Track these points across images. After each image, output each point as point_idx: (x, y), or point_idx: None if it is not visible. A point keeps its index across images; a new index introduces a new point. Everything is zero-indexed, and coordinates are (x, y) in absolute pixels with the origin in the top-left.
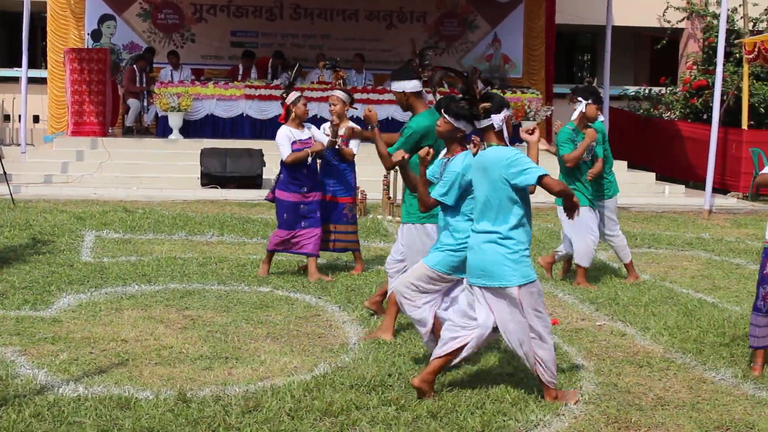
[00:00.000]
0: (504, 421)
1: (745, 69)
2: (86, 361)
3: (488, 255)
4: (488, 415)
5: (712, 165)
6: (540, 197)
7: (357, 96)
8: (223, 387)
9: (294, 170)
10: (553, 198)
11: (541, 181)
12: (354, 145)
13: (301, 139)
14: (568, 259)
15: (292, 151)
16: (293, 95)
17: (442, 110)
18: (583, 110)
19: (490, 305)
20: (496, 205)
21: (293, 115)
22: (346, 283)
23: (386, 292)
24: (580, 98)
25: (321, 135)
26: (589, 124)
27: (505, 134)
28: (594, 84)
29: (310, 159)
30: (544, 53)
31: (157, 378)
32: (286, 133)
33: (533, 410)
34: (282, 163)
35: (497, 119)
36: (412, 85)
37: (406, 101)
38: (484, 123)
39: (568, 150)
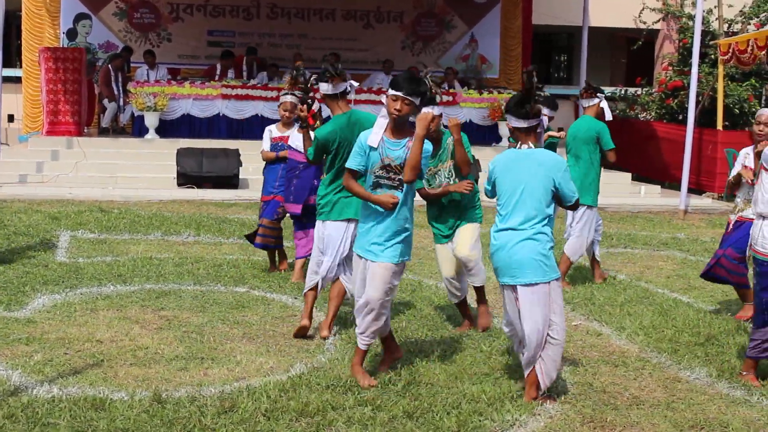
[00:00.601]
0: (480, 420)
1: (720, 70)
2: (61, 361)
3: (524, 251)
4: (464, 415)
5: (688, 165)
6: None
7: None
8: (199, 388)
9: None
10: None
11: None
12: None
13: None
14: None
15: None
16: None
17: (403, 92)
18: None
19: (519, 301)
20: (534, 203)
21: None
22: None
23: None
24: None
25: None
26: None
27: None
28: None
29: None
30: (520, 53)
31: (132, 379)
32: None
33: (509, 410)
34: None
35: (544, 120)
36: (323, 88)
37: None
38: (534, 122)
39: None
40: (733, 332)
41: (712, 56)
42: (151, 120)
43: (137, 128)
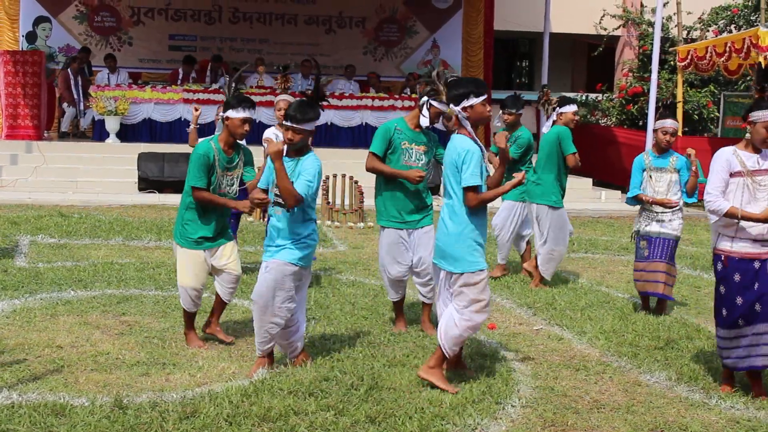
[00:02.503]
0: (442, 425)
1: (680, 76)
2: (20, 367)
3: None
4: (427, 420)
5: None
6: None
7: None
8: (161, 393)
9: None
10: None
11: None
12: None
13: None
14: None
15: None
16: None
17: (296, 124)
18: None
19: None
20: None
21: None
22: None
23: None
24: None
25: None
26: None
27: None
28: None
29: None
30: (482, 59)
31: (93, 384)
32: None
33: (471, 414)
34: None
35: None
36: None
37: None
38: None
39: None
40: (692, 336)
41: (672, 63)
42: (112, 124)
43: (98, 132)
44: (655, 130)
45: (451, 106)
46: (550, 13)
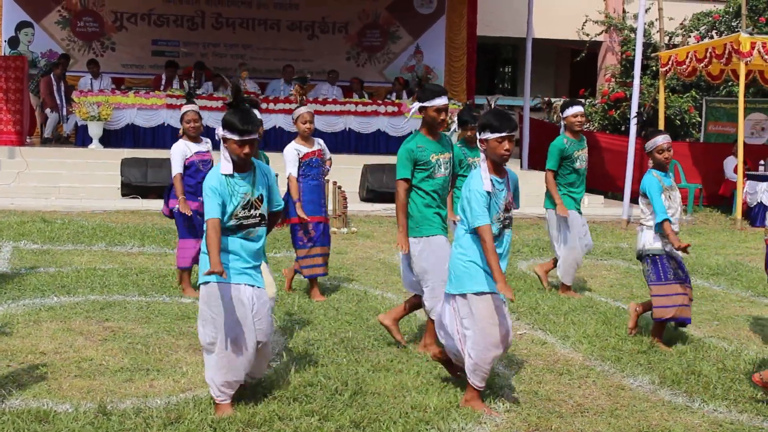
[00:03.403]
0: (427, 429)
1: (661, 82)
2: (4, 374)
3: None
4: (411, 424)
5: (630, 176)
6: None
7: (280, 106)
8: (145, 399)
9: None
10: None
11: None
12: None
13: (198, 151)
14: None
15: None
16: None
17: (255, 134)
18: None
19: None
20: None
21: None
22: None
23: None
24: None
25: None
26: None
27: None
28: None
29: None
30: (465, 65)
31: (76, 391)
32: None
33: (455, 419)
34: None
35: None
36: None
37: None
38: None
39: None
40: (676, 340)
41: (654, 68)
42: (94, 130)
43: (81, 138)
44: (650, 152)
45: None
46: (532, 19)
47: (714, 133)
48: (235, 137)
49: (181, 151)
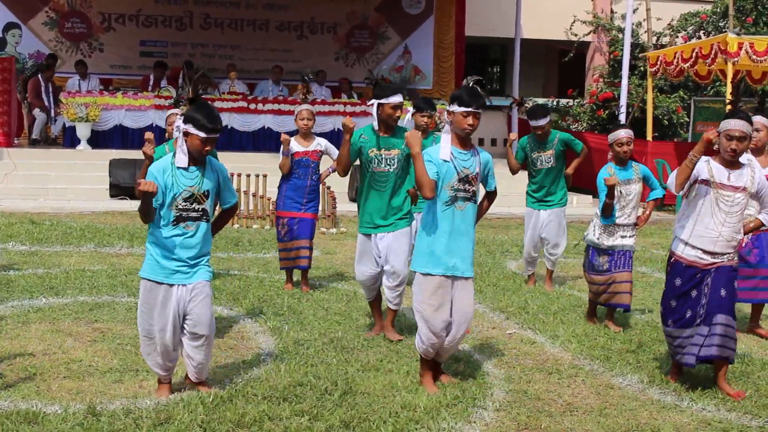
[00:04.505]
0: (416, 429)
1: (649, 82)
2: None
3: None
4: (401, 424)
5: None
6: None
7: (269, 107)
8: (134, 400)
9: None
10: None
11: None
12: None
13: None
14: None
15: None
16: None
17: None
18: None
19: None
20: None
21: None
22: (258, 294)
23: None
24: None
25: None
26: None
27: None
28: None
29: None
30: (454, 65)
31: (65, 392)
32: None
33: (445, 418)
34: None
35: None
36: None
37: None
38: None
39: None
40: (663, 339)
41: (642, 68)
42: (83, 131)
43: (69, 139)
44: (610, 145)
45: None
46: (521, 19)
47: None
48: (201, 134)
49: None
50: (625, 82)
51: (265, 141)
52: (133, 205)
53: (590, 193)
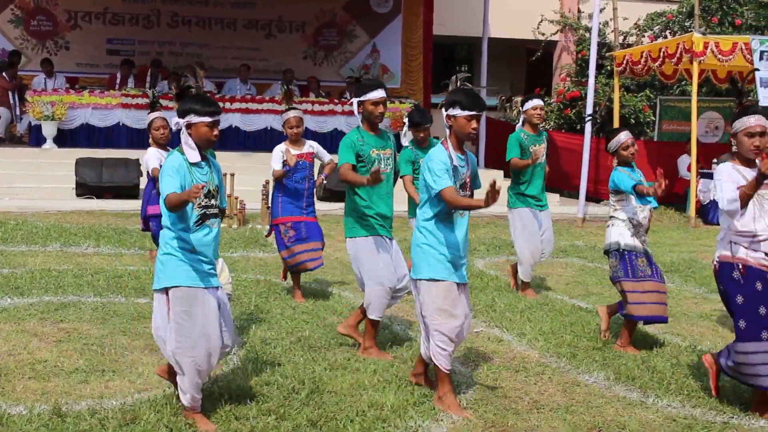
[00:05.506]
0: (384, 427)
1: (616, 81)
2: None
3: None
4: (368, 422)
5: (586, 174)
6: None
7: (237, 105)
8: (100, 400)
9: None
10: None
11: None
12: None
13: None
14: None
15: None
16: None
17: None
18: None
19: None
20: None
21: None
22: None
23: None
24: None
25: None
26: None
27: None
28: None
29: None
30: (422, 64)
31: (30, 393)
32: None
33: (412, 416)
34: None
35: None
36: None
37: None
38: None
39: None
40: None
41: (609, 68)
42: (48, 129)
43: (34, 138)
44: (615, 151)
45: None
46: (488, 18)
47: (668, 132)
48: (206, 119)
49: (156, 158)
50: (592, 81)
51: (232, 140)
52: (100, 204)
53: (558, 192)
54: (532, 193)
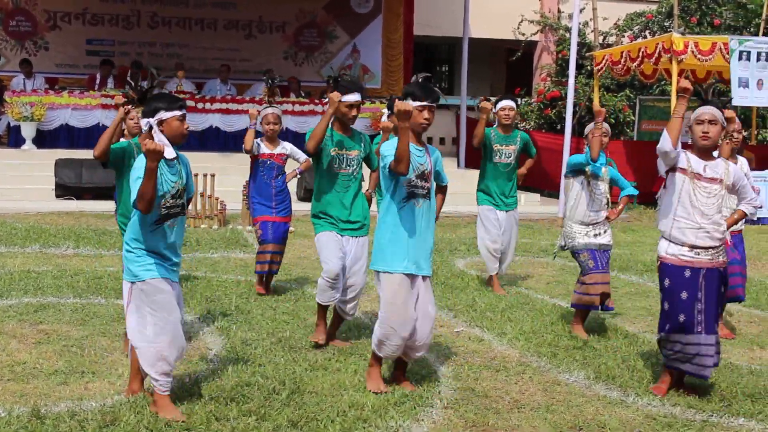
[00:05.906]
0: (364, 428)
1: (596, 81)
2: None
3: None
4: (349, 423)
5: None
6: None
7: (217, 106)
8: (79, 402)
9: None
10: None
11: None
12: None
13: None
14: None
15: None
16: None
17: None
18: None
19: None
20: None
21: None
22: (206, 294)
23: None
24: None
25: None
26: None
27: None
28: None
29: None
30: (402, 64)
31: (9, 395)
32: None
33: (393, 416)
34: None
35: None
36: None
37: None
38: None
39: None
40: (609, 336)
41: (589, 68)
42: (27, 130)
43: (13, 139)
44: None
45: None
46: (469, 19)
47: (648, 132)
48: (177, 113)
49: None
50: (572, 81)
51: (213, 140)
52: (80, 205)
53: (538, 191)
54: (494, 191)
